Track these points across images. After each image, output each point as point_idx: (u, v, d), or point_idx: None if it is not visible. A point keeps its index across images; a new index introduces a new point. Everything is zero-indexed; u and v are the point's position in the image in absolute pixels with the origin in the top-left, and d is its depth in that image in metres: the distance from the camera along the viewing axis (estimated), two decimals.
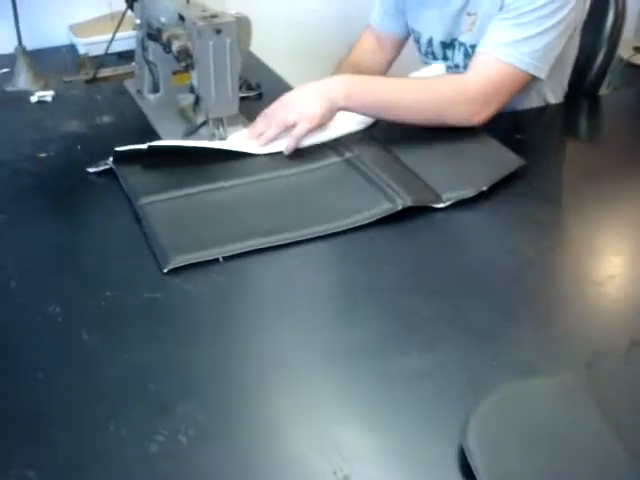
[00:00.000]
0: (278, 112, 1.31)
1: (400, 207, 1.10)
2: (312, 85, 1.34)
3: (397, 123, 1.34)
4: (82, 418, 0.76)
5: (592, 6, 1.53)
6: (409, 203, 1.10)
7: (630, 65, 2.75)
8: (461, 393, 0.79)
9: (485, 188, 1.16)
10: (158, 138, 1.36)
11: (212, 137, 1.33)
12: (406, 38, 1.69)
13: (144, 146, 1.25)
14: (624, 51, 2.78)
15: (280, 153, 1.29)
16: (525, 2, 1.31)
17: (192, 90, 1.33)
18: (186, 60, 1.24)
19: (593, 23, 1.60)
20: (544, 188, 1.23)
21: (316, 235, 1.06)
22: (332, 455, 0.72)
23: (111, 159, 1.25)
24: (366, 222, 1.08)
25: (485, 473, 0.68)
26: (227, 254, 1.01)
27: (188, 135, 1.36)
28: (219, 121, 1.33)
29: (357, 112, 1.33)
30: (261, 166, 1.26)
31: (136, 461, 0.71)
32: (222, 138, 1.33)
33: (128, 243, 1.06)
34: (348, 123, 1.36)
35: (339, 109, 1.31)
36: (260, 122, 1.33)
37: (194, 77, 1.27)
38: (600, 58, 1.64)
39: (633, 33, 2.93)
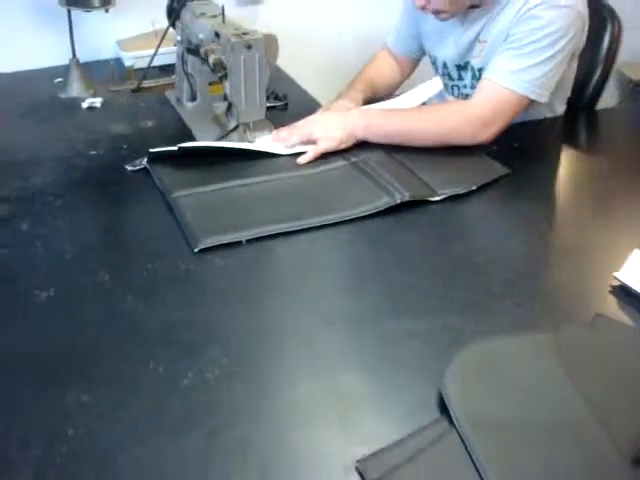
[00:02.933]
0: (305, 127, 1.47)
1: (399, 201, 1.25)
2: (336, 114, 1.51)
3: None
4: (126, 358, 0.92)
5: (590, 28, 1.66)
6: (407, 198, 1.26)
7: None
8: (443, 350, 0.92)
9: (475, 187, 1.32)
10: (194, 140, 1.52)
11: (241, 140, 1.48)
12: (420, 59, 1.84)
13: (175, 148, 1.39)
14: (634, 72, 2.90)
15: (296, 156, 1.44)
16: (527, 34, 1.43)
17: (225, 98, 1.48)
18: (221, 71, 1.39)
19: (590, 45, 1.73)
20: (536, 190, 1.37)
21: (326, 222, 1.21)
22: (333, 398, 0.86)
23: (146, 159, 1.40)
24: (369, 213, 1.23)
25: (459, 412, 0.81)
26: (249, 237, 1.16)
27: (221, 138, 1.51)
28: (248, 125, 1.48)
29: (373, 141, 1.47)
30: (279, 167, 1.41)
31: (170, 391, 0.86)
32: (250, 141, 1.48)
33: (163, 228, 1.21)
34: None
35: (357, 138, 1.46)
36: (286, 129, 1.49)
37: (227, 86, 1.42)
38: (597, 77, 1.77)
39: None
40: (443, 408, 0.83)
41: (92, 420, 0.82)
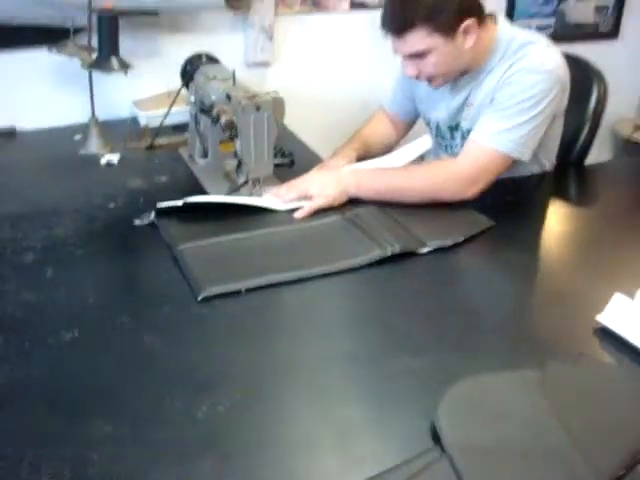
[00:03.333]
0: (301, 184, 1.57)
1: (390, 253, 1.34)
2: (330, 173, 1.61)
3: None
4: (145, 393, 1.00)
5: (577, 89, 1.77)
6: (397, 250, 1.35)
7: (631, 142, 2.97)
8: (436, 386, 0.99)
9: (461, 239, 1.41)
10: (206, 194, 1.62)
11: (250, 194, 1.58)
12: (414, 121, 1.95)
13: (180, 202, 1.48)
14: (626, 129, 3.02)
15: (293, 211, 1.52)
16: (509, 97, 1.55)
17: (235, 155, 1.59)
18: (232, 131, 1.50)
19: (578, 104, 1.86)
20: (523, 241, 1.48)
21: (322, 273, 1.29)
22: (333, 429, 0.94)
23: (153, 214, 1.49)
24: (362, 264, 1.32)
25: (450, 440, 0.89)
26: (250, 287, 1.24)
27: (231, 193, 1.61)
28: (257, 181, 1.58)
29: (364, 198, 1.56)
30: (277, 221, 1.50)
31: (185, 422, 0.94)
32: (258, 195, 1.58)
33: (176, 276, 1.30)
34: None
35: (349, 195, 1.56)
36: (284, 187, 1.58)
37: (238, 144, 1.53)
38: (584, 134, 1.89)
39: (634, 112, 3.17)
40: (436, 438, 0.91)
41: (115, 447, 0.90)
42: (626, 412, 0.96)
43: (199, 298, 1.21)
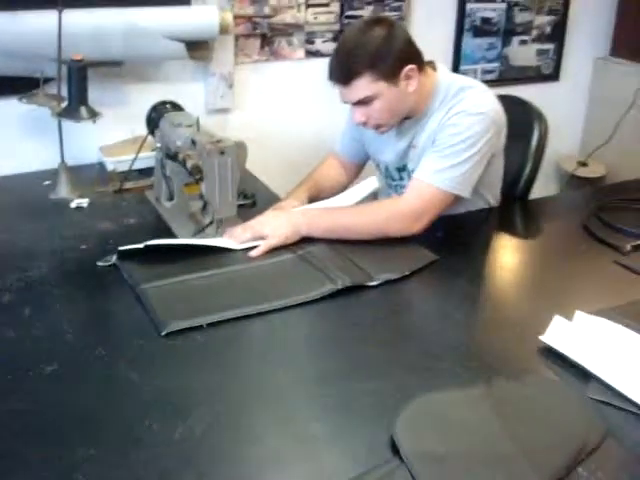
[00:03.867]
0: (255, 226, 1.65)
1: (340, 286, 1.43)
2: (282, 213, 1.71)
3: None
4: (125, 418, 1.07)
5: (520, 128, 1.91)
6: (348, 283, 1.44)
7: (575, 177, 3.13)
8: (394, 403, 1.08)
9: (407, 272, 1.51)
10: (173, 236, 1.69)
11: (215, 234, 1.66)
12: (364, 163, 2.07)
13: (141, 245, 1.54)
14: (570, 165, 3.18)
15: (249, 250, 1.60)
16: (447, 140, 1.67)
17: (201, 197, 1.67)
18: (197, 174, 1.59)
19: (521, 142, 2.00)
20: (469, 272, 1.58)
21: (280, 307, 1.38)
22: (300, 443, 1.02)
23: (114, 257, 1.55)
24: (316, 297, 1.41)
25: (407, 450, 0.98)
26: (211, 321, 1.32)
27: (197, 233, 1.69)
28: (221, 221, 1.67)
29: (316, 236, 1.65)
30: (234, 260, 1.58)
31: (164, 443, 1.02)
32: (220, 235, 1.66)
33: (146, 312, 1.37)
34: None
35: (301, 234, 1.64)
36: (240, 227, 1.66)
37: (203, 187, 1.62)
38: (528, 170, 2.01)
39: (577, 151, 3.35)
40: (394, 450, 0.99)
41: (100, 468, 0.97)
42: (566, 421, 1.07)
43: (162, 333, 1.28)
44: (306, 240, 1.64)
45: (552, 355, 1.23)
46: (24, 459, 0.99)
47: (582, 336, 1.25)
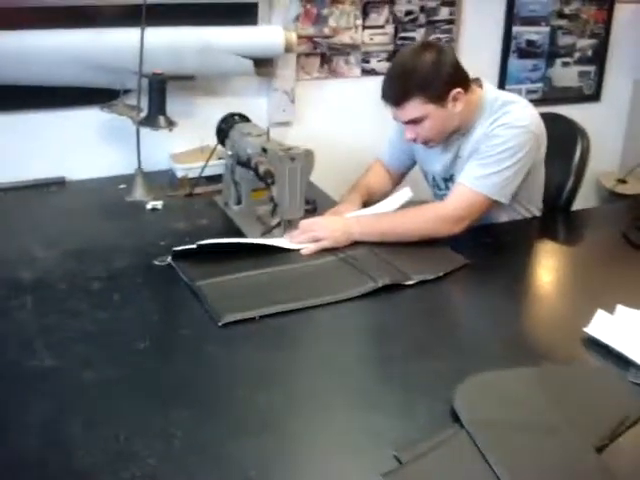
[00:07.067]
0: (311, 227, 1.77)
1: (381, 284, 1.54)
2: (339, 219, 1.83)
3: None
4: (212, 386, 1.20)
5: (563, 143, 2.02)
6: (387, 281, 1.55)
7: (615, 194, 3.21)
8: (451, 381, 1.18)
9: (442, 274, 1.61)
10: (243, 235, 1.83)
11: (282, 235, 1.79)
12: (408, 171, 2.19)
13: (194, 245, 1.65)
14: (609, 182, 3.27)
15: (298, 252, 1.72)
16: (490, 149, 1.79)
17: (271, 200, 1.81)
18: (269, 179, 1.73)
19: (565, 157, 2.10)
20: (515, 272, 1.70)
21: (324, 302, 1.48)
22: (365, 429, 1.14)
23: (170, 257, 1.65)
24: (357, 295, 1.51)
25: (467, 418, 1.09)
26: (263, 314, 1.43)
27: (265, 233, 1.82)
28: (288, 223, 1.80)
29: (368, 241, 1.75)
30: (282, 260, 1.69)
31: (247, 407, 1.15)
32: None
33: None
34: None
35: (352, 240, 1.75)
36: (298, 230, 1.77)
37: (274, 190, 1.75)
38: (570, 184, 2.12)
39: (617, 169, 3.43)
40: (454, 418, 1.11)
41: (192, 426, 1.11)
42: (608, 398, 1.17)
43: (220, 324, 1.39)
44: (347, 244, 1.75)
45: (595, 345, 1.33)
46: (127, 416, 1.13)
47: (623, 328, 1.35)
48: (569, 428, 1.08)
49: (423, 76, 1.75)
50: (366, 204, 2.01)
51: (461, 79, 1.81)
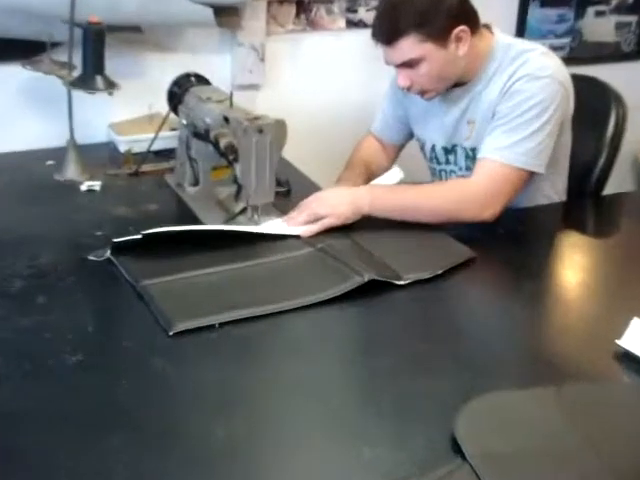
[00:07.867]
0: (312, 204, 1.78)
1: (366, 279, 1.52)
2: (344, 190, 1.82)
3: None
4: (154, 409, 1.21)
5: (594, 113, 2.02)
6: (373, 276, 1.53)
7: None
8: (453, 403, 1.19)
9: (440, 271, 1.60)
10: (201, 223, 1.82)
11: (248, 223, 1.79)
12: (404, 145, 2.20)
13: (139, 236, 1.63)
14: None
15: (262, 244, 1.71)
16: (513, 108, 1.78)
17: (235, 181, 1.80)
18: (232, 155, 1.72)
19: (596, 129, 2.11)
20: (534, 268, 1.70)
21: (297, 306, 1.47)
22: (353, 441, 1.14)
23: (109, 250, 1.64)
24: (340, 294, 1.50)
25: (470, 450, 1.09)
26: (222, 321, 1.42)
27: (228, 221, 1.82)
28: (255, 208, 1.80)
29: (378, 216, 1.76)
30: (248, 254, 1.67)
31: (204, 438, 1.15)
32: (256, 224, 1.79)
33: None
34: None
35: (363, 214, 1.76)
36: (296, 210, 1.79)
37: (237, 169, 1.75)
38: (602, 162, 2.12)
39: None
40: (456, 449, 1.11)
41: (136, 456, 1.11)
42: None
43: (170, 333, 1.39)
44: (326, 233, 1.74)
45: (629, 360, 1.34)
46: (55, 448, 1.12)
47: None
48: (592, 453, 1.10)
49: (421, 8, 1.74)
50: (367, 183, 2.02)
51: (467, 15, 1.81)
